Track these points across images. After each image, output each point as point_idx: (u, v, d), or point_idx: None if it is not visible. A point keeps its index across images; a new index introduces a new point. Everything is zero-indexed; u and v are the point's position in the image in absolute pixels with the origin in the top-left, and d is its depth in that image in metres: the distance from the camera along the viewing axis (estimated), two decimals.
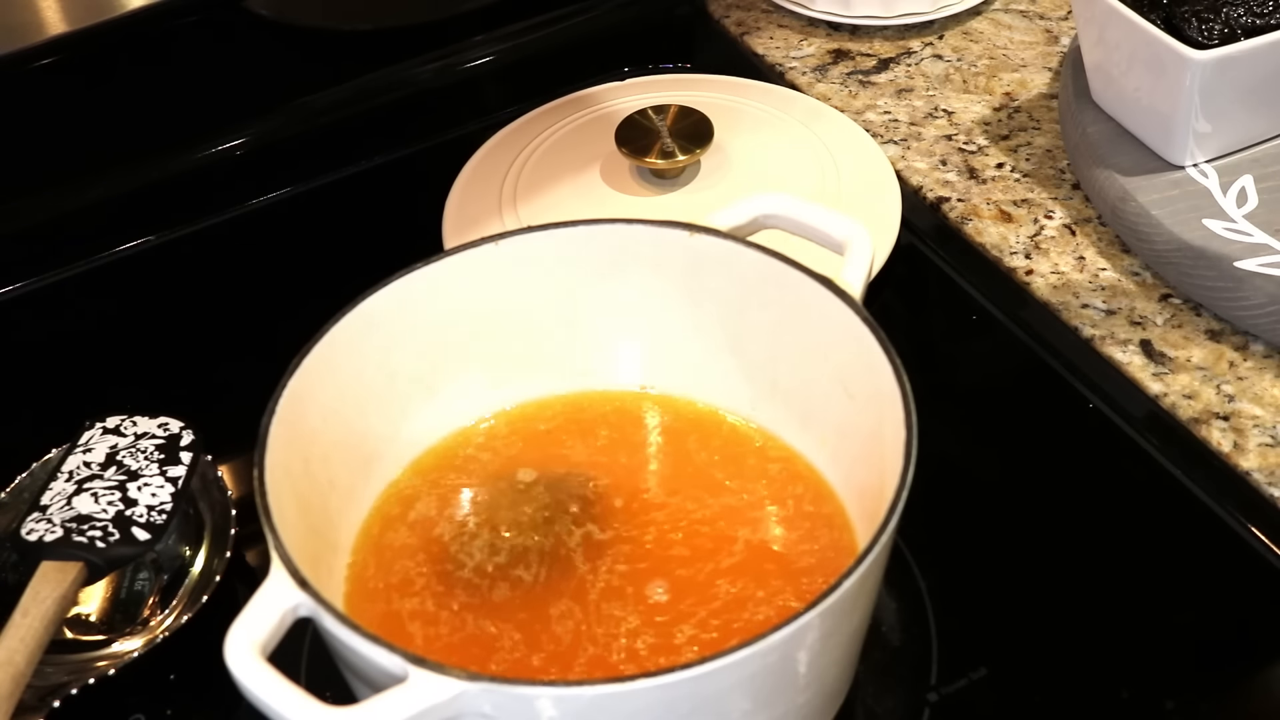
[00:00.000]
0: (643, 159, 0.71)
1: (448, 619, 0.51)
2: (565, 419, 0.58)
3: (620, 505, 0.54)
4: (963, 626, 0.55)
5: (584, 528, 0.53)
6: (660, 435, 0.57)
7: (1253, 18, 0.65)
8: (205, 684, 0.50)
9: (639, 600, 0.50)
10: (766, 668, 0.42)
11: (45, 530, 0.56)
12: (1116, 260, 0.69)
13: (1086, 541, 0.59)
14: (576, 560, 0.52)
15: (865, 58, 0.83)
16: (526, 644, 0.49)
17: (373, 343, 0.53)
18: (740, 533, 0.53)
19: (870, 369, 0.49)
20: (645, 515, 0.54)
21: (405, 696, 0.40)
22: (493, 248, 0.55)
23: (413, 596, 0.51)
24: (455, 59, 0.84)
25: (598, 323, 0.57)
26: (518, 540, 0.53)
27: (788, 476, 0.55)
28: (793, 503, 0.54)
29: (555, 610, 0.50)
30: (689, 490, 0.55)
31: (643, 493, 0.55)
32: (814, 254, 0.54)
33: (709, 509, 0.54)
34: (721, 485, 0.55)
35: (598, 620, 0.50)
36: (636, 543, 0.53)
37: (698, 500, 0.54)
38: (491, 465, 0.56)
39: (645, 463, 0.56)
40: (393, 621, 0.51)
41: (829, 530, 0.53)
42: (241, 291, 0.74)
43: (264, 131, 0.80)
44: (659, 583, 0.51)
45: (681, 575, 0.51)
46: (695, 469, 0.55)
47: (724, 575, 0.51)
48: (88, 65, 0.75)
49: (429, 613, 0.51)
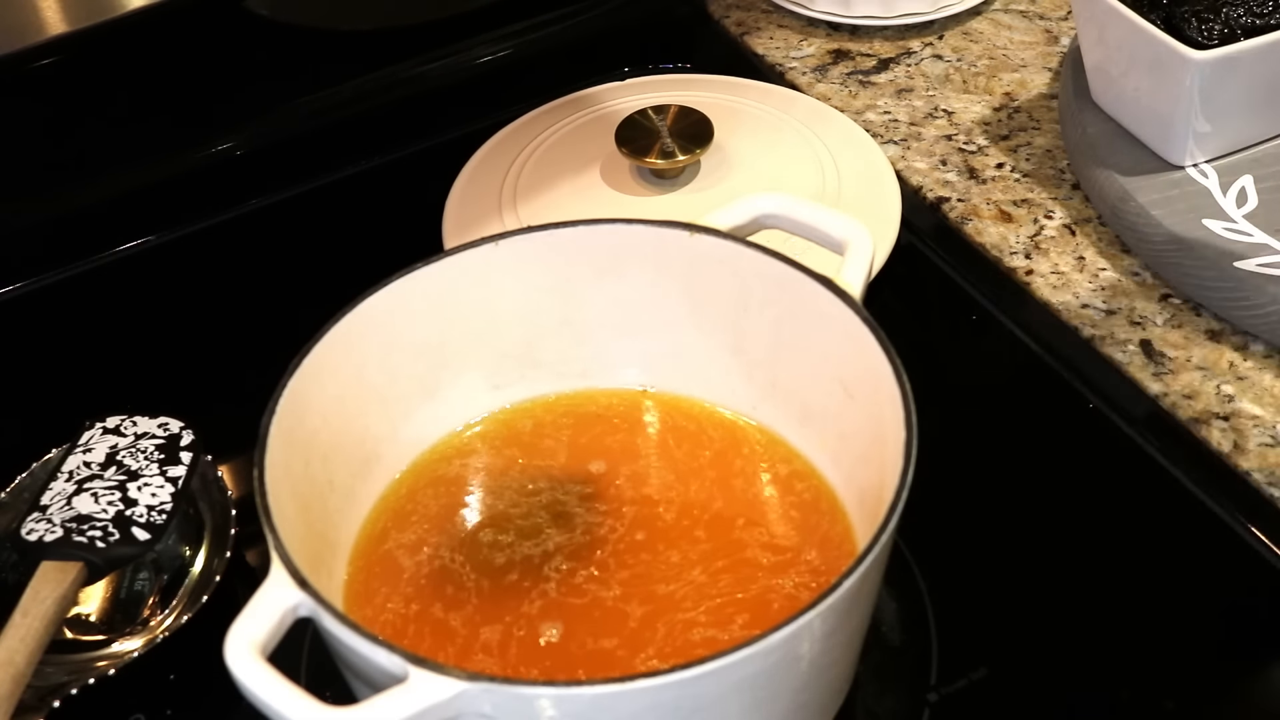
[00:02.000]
0: (643, 159, 0.71)
1: (448, 619, 0.51)
2: (565, 419, 0.58)
3: (620, 505, 0.54)
4: (963, 626, 0.55)
5: (583, 528, 0.53)
6: (660, 435, 0.57)
7: (1253, 18, 0.65)
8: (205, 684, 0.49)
9: (639, 600, 0.50)
10: (766, 668, 0.42)
11: (45, 530, 0.56)
12: (1116, 260, 0.69)
13: (1087, 541, 0.59)
14: (576, 559, 0.52)
15: (865, 58, 0.83)
16: (526, 643, 0.49)
17: (373, 343, 0.53)
18: (740, 532, 0.53)
19: (870, 369, 0.49)
20: (645, 515, 0.54)
21: (405, 696, 0.40)
22: (493, 248, 0.55)
23: (413, 596, 0.51)
24: (455, 59, 0.84)
25: (598, 323, 0.57)
26: (518, 540, 0.53)
27: (787, 476, 0.55)
28: (793, 503, 0.54)
29: (555, 610, 0.50)
30: (689, 490, 0.55)
31: (643, 492, 0.55)
32: (814, 254, 0.54)
33: (709, 509, 0.54)
34: (721, 485, 0.55)
35: (598, 619, 0.50)
36: (637, 542, 0.53)
37: (697, 500, 0.54)
38: (491, 465, 0.56)
39: (645, 462, 0.56)
40: (393, 621, 0.51)
41: (829, 530, 0.53)
42: (241, 292, 0.74)
43: (264, 131, 0.80)
44: (658, 583, 0.51)
45: (681, 575, 0.51)
46: (695, 469, 0.55)
47: (724, 575, 0.51)
48: (88, 65, 0.75)
49: (429, 612, 0.51)
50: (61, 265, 0.76)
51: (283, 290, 0.73)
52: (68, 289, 0.75)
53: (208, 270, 0.76)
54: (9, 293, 0.75)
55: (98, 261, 0.76)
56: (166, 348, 0.71)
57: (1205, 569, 0.58)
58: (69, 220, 0.77)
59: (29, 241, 0.76)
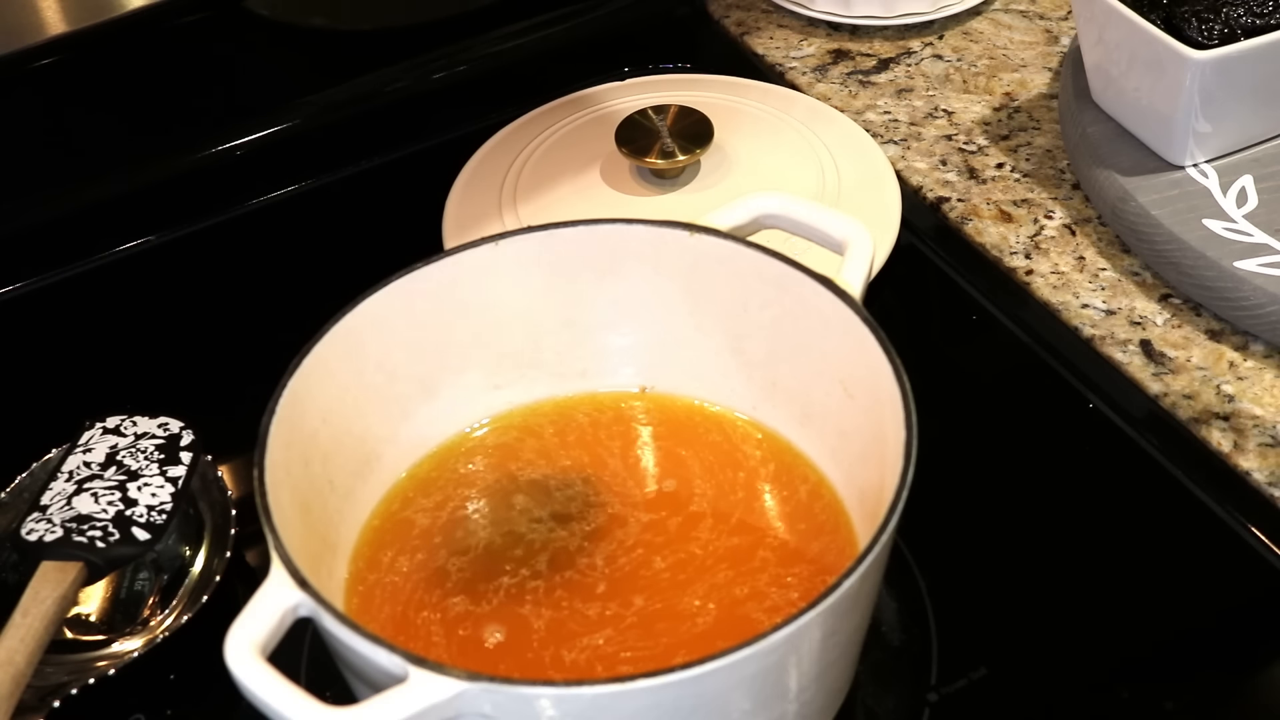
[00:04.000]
0: (643, 159, 0.71)
1: (447, 618, 0.51)
2: (565, 419, 0.58)
3: (620, 505, 0.54)
4: (963, 626, 0.55)
5: (583, 528, 0.53)
6: (660, 435, 0.57)
7: (1253, 18, 0.65)
8: (205, 684, 0.50)
9: (639, 600, 0.50)
10: (767, 668, 0.42)
11: (45, 530, 0.56)
12: (1116, 260, 0.69)
13: (1086, 542, 0.59)
14: (576, 560, 0.52)
15: (865, 58, 0.83)
16: (526, 643, 0.49)
17: (373, 343, 0.53)
18: (740, 533, 0.53)
19: (870, 369, 0.49)
20: (645, 515, 0.54)
21: (405, 696, 0.40)
22: (493, 248, 0.55)
23: (412, 596, 0.51)
24: (455, 59, 0.84)
25: (597, 323, 0.57)
26: (517, 540, 0.53)
27: (787, 476, 0.55)
28: (793, 503, 0.54)
29: (555, 610, 0.50)
30: (688, 490, 0.55)
31: (643, 493, 0.55)
32: (814, 254, 0.54)
33: (708, 509, 0.54)
34: (721, 485, 0.55)
35: (598, 620, 0.50)
36: (636, 542, 0.53)
37: (697, 500, 0.54)
38: (491, 465, 0.56)
39: (645, 463, 0.56)
40: (392, 621, 0.51)
41: (829, 530, 0.53)
42: (242, 291, 0.74)
43: (264, 131, 0.80)
44: (658, 582, 0.51)
45: (681, 575, 0.51)
46: (695, 469, 0.55)
47: (724, 575, 0.51)
48: (88, 65, 0.75)
49: (429, 612, 0.51)
50: (61, 265, 0.76)
51: (283, 290, 0.73)
52: (68, 289, 0.75)
53: (208, 270, 0.76)
54: (9, 293, 0.75)
55: (98, 261, 0.76)
56: (166, 348, 0.71)
57: (1205, 569, 0.57)
58: (69, 220, 0.77)
59: (29, 241, 0.76)
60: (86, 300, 0.75)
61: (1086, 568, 0.58)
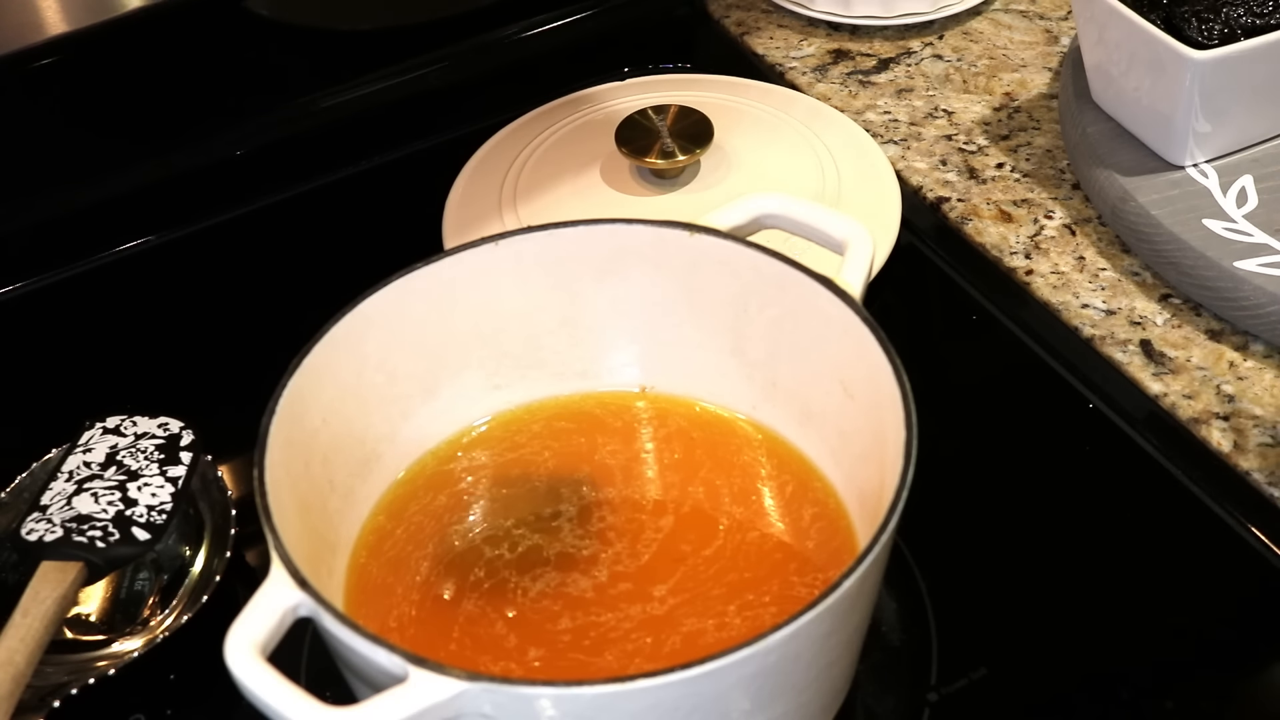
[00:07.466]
0: (643, 159, 0.71)
1: (448, 619, 0.51)
2: (565, 419, 0.58)
3: (620, 505, 0.54)
4: (963, 626, 0.55)
5: (583, 528, 0.53)
6: (659, 435, 0.57)
7: (1253, 18, 0.65)
8: (205, 684, 0.50)
9: (639, 600, 0.50)
10: (766, 668, 0.42)
11: (45, 530, 0.56)
12: (1116, 260, 0.69)
13: (1086, 542, 0.59)
14: (576, 560, 0.52)
15: (865, 58, 0.83)
16: (526, 644, 0.49)
17: (373, 343, 0.53)
18: (739, 533, 0.53)
19: (870, 369, 0.49)
20: (645, 515, 0.54)
21: (405, 696, 0.40)
22: (493, 248, 0.55)
23: (413, 596, 0.51)
24: (455, 59, 0.85)
25: (597, 323, 0.57)
26: (518, 540, 0.53)
27: (787, 476, 0.55)
28: (792, 503, 0.54)
29: (555, 610, 0.50)
30: (688, 490, 0.55)
31: (642, 493, 0.55)
32: (814, 254, 0.54)
33: (708, 509, 0.54)
34: (721, 485, 0.55)
35: (598, 620, 0.50)
36: (636, 542, 0.53)
37: (697, 500, 0.54)
38: (491, 465, 0.56)
39: (645, 463, 0.56)
40: (393, 621, 0.51)
41: (829, 530, 0.53)
42: (241, 291, 0.74)
43: (264, 131, 0.80)
44: (658, 583, 0.51)
45: (681, 575, 0.51)
46: (695, 469, 0.55)
47: (723, 575, 0.51)
48: (88, 65, 0.75)
49: (429, 612, 0.51)
50: (61, 265, 0.76)
51: (283, 290, 0.73)
52: (68, 289, 0.75)
53: (208, 270, 0.76)
54: (9, 293, 0.75)
55: (98, 261, 0.76)
56: (166, 348, 0.71)
57: (1205, 569, 0.58)
58: (69, 220, 0.77)
59: (29, 241, 0.76)
60: (86, 300, 0.75)
61: (1086, 568, 0.58)
